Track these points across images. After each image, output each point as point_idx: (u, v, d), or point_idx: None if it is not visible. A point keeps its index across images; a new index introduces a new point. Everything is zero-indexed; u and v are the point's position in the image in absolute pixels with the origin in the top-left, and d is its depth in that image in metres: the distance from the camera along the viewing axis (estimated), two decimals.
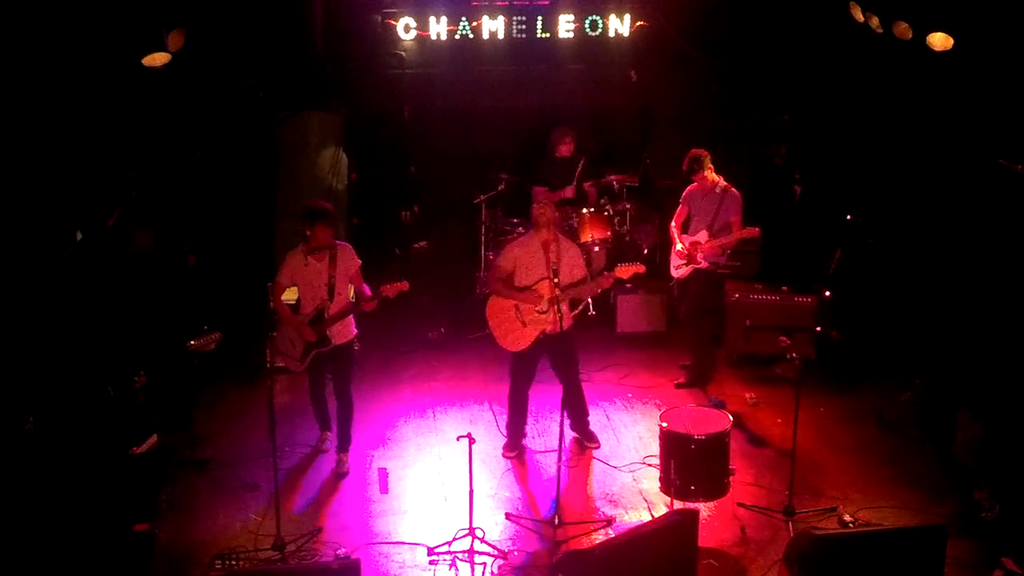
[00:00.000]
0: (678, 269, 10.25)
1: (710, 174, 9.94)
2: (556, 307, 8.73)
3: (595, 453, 9.28)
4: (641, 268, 8.93)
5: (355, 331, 9.05)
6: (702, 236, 10.00)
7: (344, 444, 9.12)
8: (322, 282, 8.75)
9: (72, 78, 8.73)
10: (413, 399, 10.38)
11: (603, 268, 11.89)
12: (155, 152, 10.78)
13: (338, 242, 8.85)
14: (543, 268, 8.81)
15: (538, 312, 8.83)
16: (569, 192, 12.01)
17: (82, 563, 7.50)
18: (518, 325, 8.93)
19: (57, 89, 8.70)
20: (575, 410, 9.28)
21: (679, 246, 10.17)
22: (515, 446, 9.30)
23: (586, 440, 9.35)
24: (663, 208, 11.73)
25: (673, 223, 10.33)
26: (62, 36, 8.43)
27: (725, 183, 10.02)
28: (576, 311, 9.28)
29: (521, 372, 9.17)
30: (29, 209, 8.78)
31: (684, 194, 10.29)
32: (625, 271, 8.86)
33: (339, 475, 8.97)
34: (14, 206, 8.59)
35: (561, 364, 9.14)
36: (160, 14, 8.95)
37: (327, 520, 8.34)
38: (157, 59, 9.02)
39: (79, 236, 9.53)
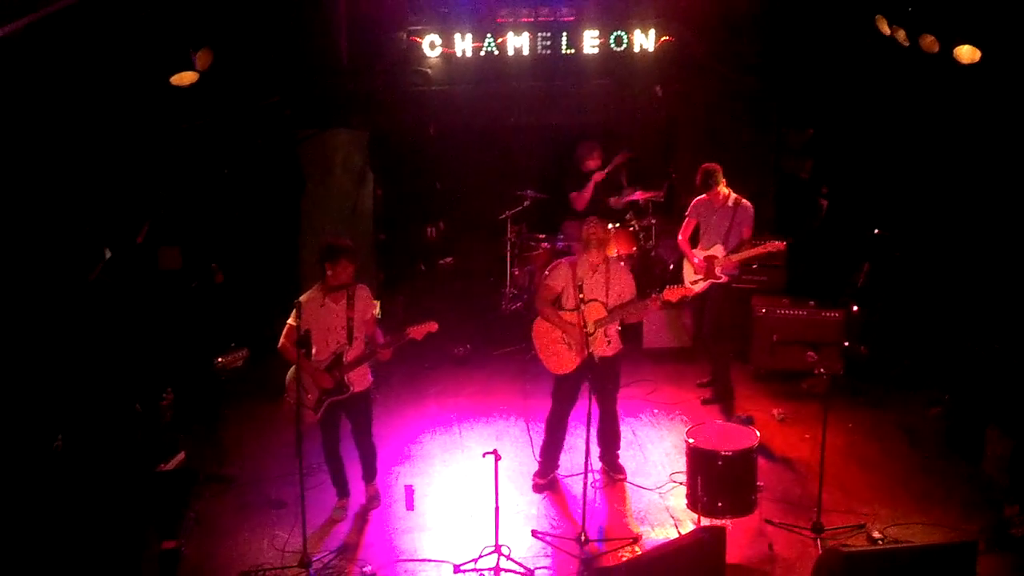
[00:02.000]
0: (695, 284, 10.17)
1: (722, 188, 9.91)
2: (604, 331, 8.60)
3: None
4: (690, 291, 8.71)
5: (371, 379, 8.65)
6: (718, 250, 9.95)
7: (370, 475, 8.88)
8: (340, 325, 8.27)
9: (101, 97, 8.80)
10: (438, 415, 10.38)
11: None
12: (183, 170, 10.85)
13: (356, 284, 8.39)
14: (591, 290, 8.54)
15: (586, 335, 8.42)
16: (619, 203, 12.02)
17: None
18: (563, 348, 8.69)
19: (86, 108, 8.77)
20: (607, 439, 9.07)
21: (695, 260, 10.12)
22: (547, 473, 9.08)
23: (613, 471, 9.11)
24: None
25: (681, 236, 10.29)
26: (91, 55, 8.50)
27: (736, 196, 9.99)
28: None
29: (563, 396, 8.89)
30: (58, 227, 8.84)
31: (692, 206, 10.25)
32: (674, 293, 8.57)
33: (370, 505, 8.82)
34: (43, 224, 8.66)
35: (600, 389, 8.81)
36: (187, 33, 9.02)
37: (353, 537, 8.36)
38: (185, 78, 9.08)
39: (108, 254, 9.59)
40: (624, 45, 12.37)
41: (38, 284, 8.59)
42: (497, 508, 7.81)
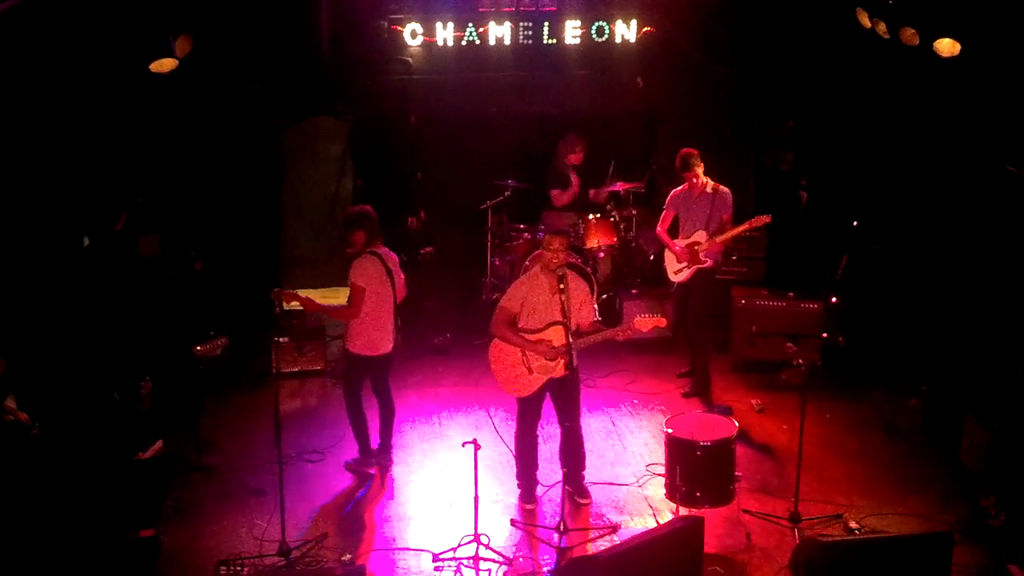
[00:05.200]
0: (678, 273, 10.21)
1: (700, 172, 9.95)
2: (568, 354, 8.10)
3: (600, 462, 9.24)
4: (662, 321, 8.37)
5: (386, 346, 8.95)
6: (700, 236, 9.99)
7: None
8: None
9: (80, 83, 8.75)
10: (419, 405, 10.37)
11: (609, 275, 11.91)
12: (162, 158, 10.79)
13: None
14: (553, 312, 8.14)
15: (548, 360, 8.22)
16: (572, 191, 12.03)
17: (87, 568, 7.51)
18: (524, 371, 8.30)
19: (65, 94, 8.71)
20: (571, 461, 8.62)
21: (677, 248, 10.14)
22: (531, 497, 8.71)
23: (578, 495, 8.63)
24: None
25: (660, 228, 10.31)
26: (70, 42, 8.44)
27: (714, 183, 10.03)
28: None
29: (529, 415, 8.53)
30: (36, 214, 8.80)
31: (669, 198, 10.27)
32: (644, 323, 8.24)
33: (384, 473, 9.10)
34: (22, 211, 8.61)
35: (562, 405, 8.47)
36: (168, 20, 8.96)
37: (332, 526, 8.35)
38: (164, 65, 9.02)
39: (86, 241, 9.55)
40: (606, 36, 12.38)
41: (16, 272, 8.55)
42: (476, 497, 7.81)
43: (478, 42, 12.20)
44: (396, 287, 8.87)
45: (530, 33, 12.28)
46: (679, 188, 10.18)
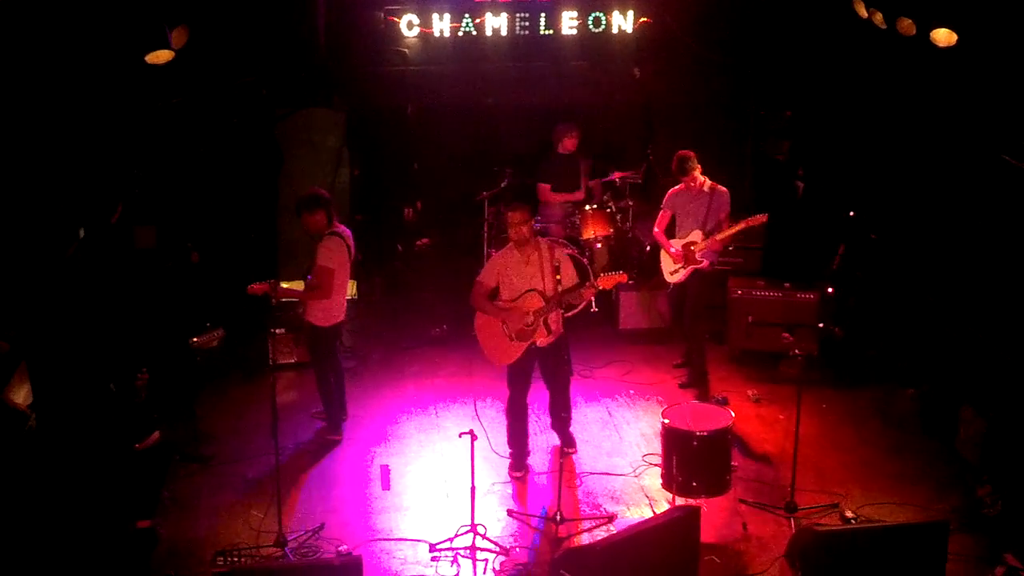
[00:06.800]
0: (674, 274, 10.13)
1: (698, 174, 9.88)
2: (544, 320, 8.51)
3: (597, 452, 9.26)
4: (623, 277, 8.52)
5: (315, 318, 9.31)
6: (696, 236, 9.91)
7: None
8: None
9: (76, 75, 8.73)
10: (415, 395, 10.38)
11: (605, 265, 11.90)
12: (158, 149, 10.78)
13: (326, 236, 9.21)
14: (527, 281, 8.57)
15: (526, 326, 8.58)
16: (579, 195, 12.03)
17: (84, 560, 7.52)
18: (505, 339, 8.67)
19: (61, 86, 8.69)
20: (558, 413, 9.08)
21: (672, 250, 10.09)
22: (521, 465, 8.99)
23: (565, 445, 9.12)
24: None
25: (657, 228, 10.23)
26: (66, 33, 8.43)
27: (712, 182, 9.96)
28: (570, 313, 8.93)
29: (517, 381, 8.86)
30: (32, 206, 8.78)
31: (666, 197, 10.17)
32: (607, 281, 8.49)
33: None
34: (17, 203, 8.60)
35: (550, 373, 8.89)
36: (164, 11, 8.94)
37: (329, 516, 8.35)
38: (160, 56, 8.99)
39: (82, 233, 9.54)
40: (603, 26, 12.37)
41: (12, 264, 8.54)
42: (473, 488, 7.83)
43: (475, 33, 12.19)
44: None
45: (527, 24, 12.26)
46: (676, 187, 10.06)
